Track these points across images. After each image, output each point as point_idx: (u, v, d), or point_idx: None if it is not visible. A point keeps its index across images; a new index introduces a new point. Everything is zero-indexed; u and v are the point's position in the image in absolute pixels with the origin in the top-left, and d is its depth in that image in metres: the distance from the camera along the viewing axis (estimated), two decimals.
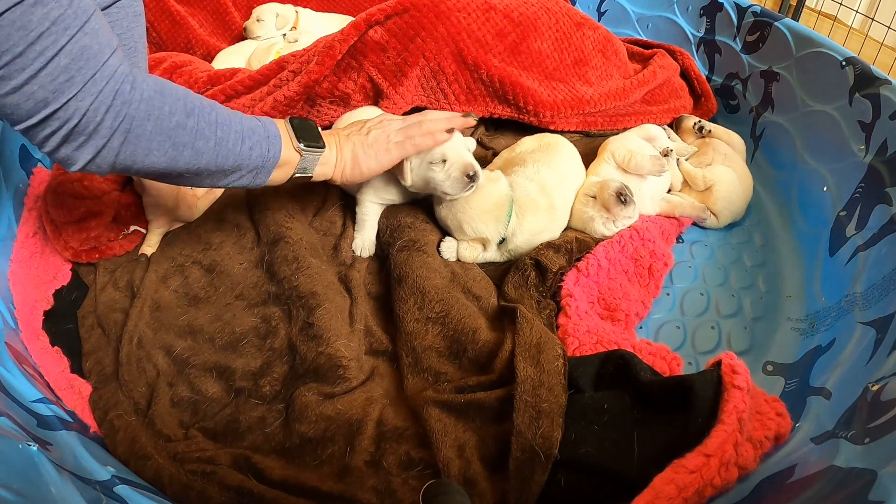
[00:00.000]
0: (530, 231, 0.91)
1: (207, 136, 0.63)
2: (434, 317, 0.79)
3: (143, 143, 0.59)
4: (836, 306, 0.86)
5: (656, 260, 0.94)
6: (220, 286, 0.89)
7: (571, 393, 0.69)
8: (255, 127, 0.70)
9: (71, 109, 0.54)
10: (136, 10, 0.83)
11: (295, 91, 0.98)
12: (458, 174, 0.84)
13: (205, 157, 0.64)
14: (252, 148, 0.68)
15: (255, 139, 0.69)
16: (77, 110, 0.54)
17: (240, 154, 0.67)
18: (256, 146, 0.69)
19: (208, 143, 0.64)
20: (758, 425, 0.63)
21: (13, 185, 0.97)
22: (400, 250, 0.87)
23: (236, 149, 0.66)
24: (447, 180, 0.85)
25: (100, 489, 0.57)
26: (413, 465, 0.68)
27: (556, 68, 1.13)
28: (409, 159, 0.85)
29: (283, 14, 1.45)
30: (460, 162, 0.85)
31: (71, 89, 0.53)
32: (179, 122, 0.60)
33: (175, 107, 0.60)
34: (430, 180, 0.86)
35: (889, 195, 0.87)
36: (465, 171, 0.84)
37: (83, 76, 0.54)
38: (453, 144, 0.86)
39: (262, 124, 0.71)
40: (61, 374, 0.79)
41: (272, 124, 0.72)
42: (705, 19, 1.36)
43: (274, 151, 0.71)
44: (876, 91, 0.95)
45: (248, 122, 0.70)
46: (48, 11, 0.51)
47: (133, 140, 0.58)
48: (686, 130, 1.21)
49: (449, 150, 0.85)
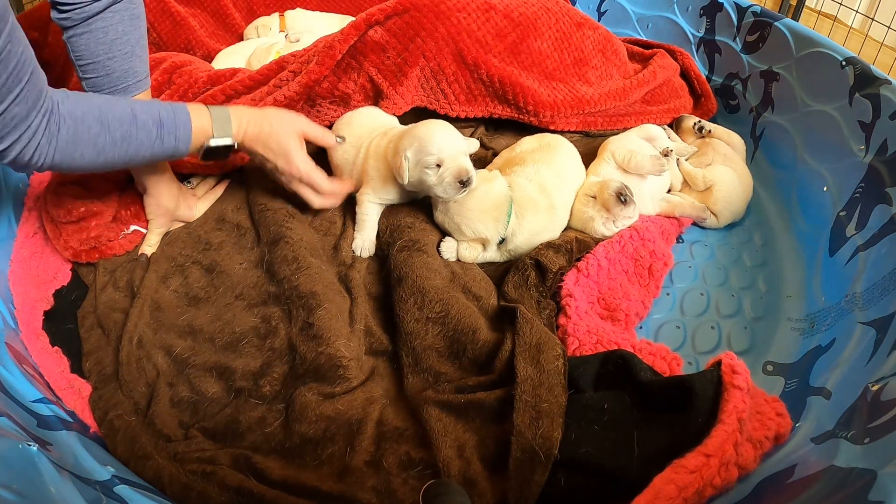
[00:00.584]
0: (530, 231, 0.91)
1: (121, 144, 0.73)
2: (434, 317, 0.79)
3: (69, 155, 0.70)
4: (836, 306, 0.86)
5: (656, 260, 0.94)
6: (220, 286, 0.89)
7: (571, 393, 0.69)
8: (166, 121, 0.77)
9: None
10: (134, 13, 0.82)
11: (295, 91, 0.98)
12: (450, 179, 0.84)
13: (120, 157, 0.74)
14: (164, 140, 0.77)
15: (165, 134, 0.77)
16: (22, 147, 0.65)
17: (153, 147, 0.77)
18: (168, 138, 0.77)
19: (125, 143, 0.74)
20: (758, 425, 0.63)
21: (13, 185, 0.97)
22: (400, 250, 0.87)
23: (152, 135, 0.76)
24: (440, 185, 0.85)
25: (100, 489, 0.57)
26: (413, 465, 0.68)
27: (556, 68, 1.13)
28: (406, 157, 0.85)
29: (264, 24, 1.47)
30: (454, 166, 0.84)
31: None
32: (96, 137, 0.71)
33: (91, 127, 0.70)
34: (423, 182, 0.86)
35: (889, 195, 0.87)
36: (458, 176, 0.84)
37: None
38: (450, 148, 0.85)
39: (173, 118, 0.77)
40: (61, 374, 0.79)
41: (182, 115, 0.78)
42: (705, 19, 1.36)
43: (183, 139, 0.79)
44: (876, 91, 0.95)
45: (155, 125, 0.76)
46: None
47: (61, 155, 0.69)
48: (686, 130, 1.21)
49: (445, 154, 0.84)
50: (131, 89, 0.84)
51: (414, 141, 0.86)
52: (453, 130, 0.88)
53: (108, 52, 0.80)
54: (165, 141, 0.76)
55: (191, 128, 0.78)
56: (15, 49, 0.60)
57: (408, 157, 0.86)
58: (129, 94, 0.84)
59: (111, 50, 0.80)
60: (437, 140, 0.85)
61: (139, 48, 0.84)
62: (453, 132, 0.88)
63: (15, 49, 0.60)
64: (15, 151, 0.64)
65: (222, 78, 1.09)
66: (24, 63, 0.62)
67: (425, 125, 0.89)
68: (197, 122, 0.79)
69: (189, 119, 0.78)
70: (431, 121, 0.90)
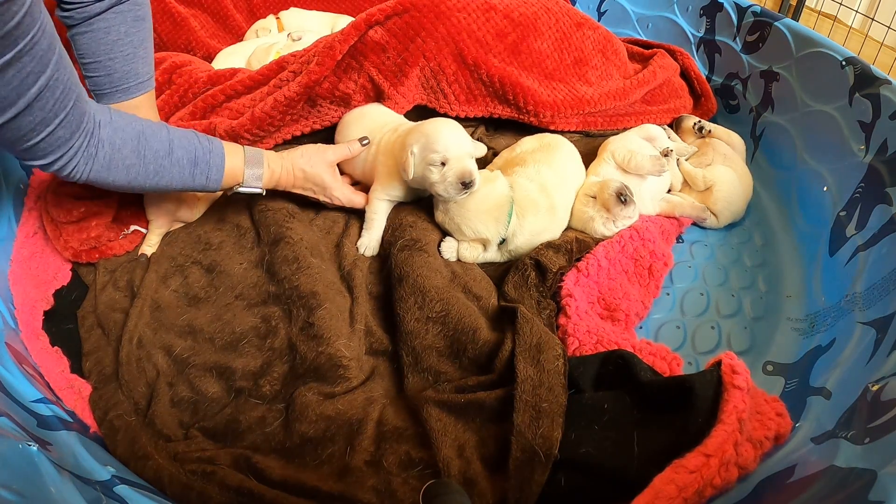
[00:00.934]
0: (531, 231, 0.91)
1: (153, 176, 0.77)
2: (434, 316, 0.79)
3: (103, 177, 0.74)
4: (836, 306, 0.86)
5: (656, 260, 0.94)
6: (220, 286, 0.89)
7: (571, 393, 0.69)
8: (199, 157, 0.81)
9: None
10: (138, 15, 0.82)
11: (295, 91, 0.98)
12: (453, 179, 0.84)
13: (151, 185, 0.78)
14: (195, 176, 0.81)
15: (198, 171, 0.81)
16: (64, 161, 0.69)
17: (184, 180, 0.81)
18: (199, 175, 0.81)
19: (157, 176, 0.78)
20: (758, 425, 0.63)
21: (13, 185, 0.97)
22: (401, 249, 0.87)
23: (185, 172, 0.80)
24: (442, 183, 0.85)
25: (100, 489, 0.57)
26: (413, 465, 0.68)
27: (556, 68, 1.13)
28: (413, 152, 0.85)
29: (263, 27, 1.48)
30: (458, 167, 0.84)
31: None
32: (130, 167, 0.75)
33: (127, 157, 0.74)
34: (426, 179, 0.86)
35: (889, 195, 0.87)
36: (460, 177, 0.83)
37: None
38: (456, 148, 0.85)
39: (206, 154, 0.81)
40: (61, 374, 0.79)
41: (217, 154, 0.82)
42: (705, 19, 1.36)
43: (215, 177, 0.83)
44: (876, 91, 0.95)
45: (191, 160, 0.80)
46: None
47: (95, 176, 0.74)
48: (686, 130, 1.21)
49: (450, 153, 0.84)
50: (132, 90, 0.84)
51: (421, 137, 0.86)
52: (461, 131, 0.88)
53: (110, 52, 0.80)
54: (196, 179, 0.81)
55: (223, 173, 0.82)
56: (62, 76, 0.63)
57: (414, 152, 0.86)
58: (130, 94, 0.84)
59: (112, 50, 0.80)
60: (444, 138, 0.85)
61: (142, 50, 0.84)
62: (461, 132, 0.88)
63: (62, 76, 0.63)
64: (56, 166, 0.69)
65: (222, 78, 1.09)
66: (70, 89, 0.65)
67: (434, 122, 0.89)
68: (230, 166, 0.83)
69: (223, 163, 0.82)
70: (441, 119, 0.91)
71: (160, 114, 1.07)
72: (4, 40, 0.55)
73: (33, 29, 0.58)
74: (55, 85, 0.63)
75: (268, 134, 1.01)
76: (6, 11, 0.54)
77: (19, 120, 0.61)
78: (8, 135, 0.63)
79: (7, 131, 0.62)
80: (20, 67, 0.58)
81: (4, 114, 0.60)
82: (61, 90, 0.64)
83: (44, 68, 0.60)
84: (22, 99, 0.60)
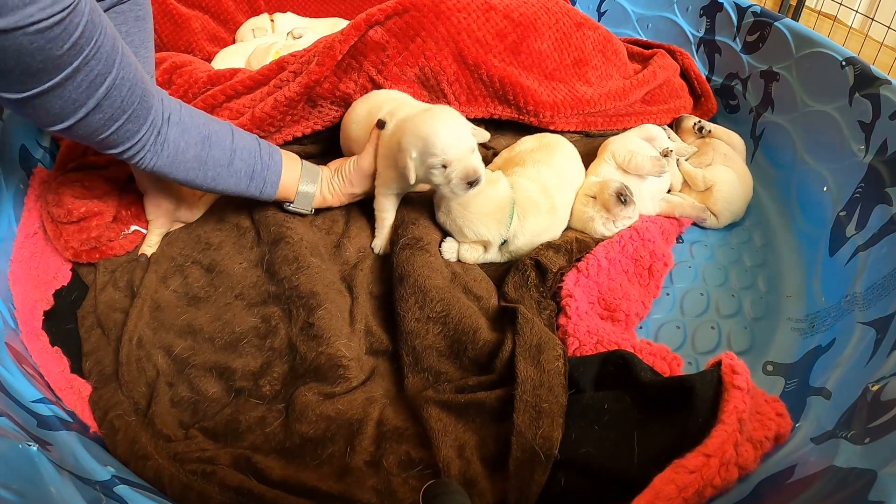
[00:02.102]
0: (532, 232, 0.91)
1: (210, 182, 0.82)
2: (435, 316, 0.79)
3: (164, 173, 0.79)
4: (836, 306, 0.86)
5: (656, 260, 0.94)
6: (219, 286, 0.89)
7: (572, 393, 0.69)
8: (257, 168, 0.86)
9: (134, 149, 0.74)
10: (139, 15, 0.83)
11: (295, 91, 0.98)
12: (457, 180, 0.81)
13: (206, 187, 0.83)
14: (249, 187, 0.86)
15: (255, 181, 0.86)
16: (133, 150, 0.74)
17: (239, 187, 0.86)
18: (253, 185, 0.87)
19: (213, 182, 0.83)
20: (758, 425, 0.63)
21: (13, 185, 0.97)
22: (402, 248, 0.87)
23: (241, 184, 0.85)
24: (447, 185, 0.83)
25: (100, 489, 0.57)
26: (413, 464, 0.68)
27: (556, 68, 1.13)
28: (411, 156, 0.82)
29: (260, 26, 1.48)
30: (461, 167, 0.81)
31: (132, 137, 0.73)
32: (189, 170, 0.80)
33: (188, 161, 0.79)
34: (429, 181, 0.85)
35: (889, 195, 0.87)
36: (465, 177, 0.81)
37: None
38: (456, 149, 0.81)
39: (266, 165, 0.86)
40: (61, 374, 0.79)
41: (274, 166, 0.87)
42: (705, 19, 1.36)
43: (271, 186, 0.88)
44: (876, 91, 0.95)
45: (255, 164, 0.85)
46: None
47: (158, 170, 0.78)
48: (686, 130, 1.21)
49: (450, 155, 0.81)
50: None
51: (418, 141, 0.82)
52: (459, 124, 0.84)
53: None
54: (250, 190, 0.86)
55: (277, 189, 0.88)
56: (127, 74, 0.67)
57: (413, 157, 0.83)
58: None
59: None
60: (442, 141, 0.81)
61: (143, 49, 0.85)
62: (459, 127, 0.83)
63: (127, 74, 0.67)
64: (126, 155, 0.73)
65: (222, 78, 1.09)
66: (136, 85, 0.68)
67: (428, 121, 0.84)
68: (286, 182, 0.89)
69: (279, 180, 0.88)
70: (436, 114, 0.85)
71: None
72: (72, 50, 0.58)
73: (96, 34, 0.61)
74: (121, 83, 0.66)
75: (268, 134, 1.01)
76: (69, 23, 0.57)
77: (90, 118, 0.65)
78: (80, 131, 0.66)
79: (80, 128, 0.66)
80: (88, 71, 0.61)
81: (76, 114, 0.64)
82: (128, 88, 0.67)
83: (109, 69, 0.64)
84: (91, 99, 0.64)
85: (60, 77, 0.59)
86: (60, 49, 0.57)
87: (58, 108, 0.62)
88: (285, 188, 0.89)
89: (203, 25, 1.47)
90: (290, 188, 0.90)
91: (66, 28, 0.57)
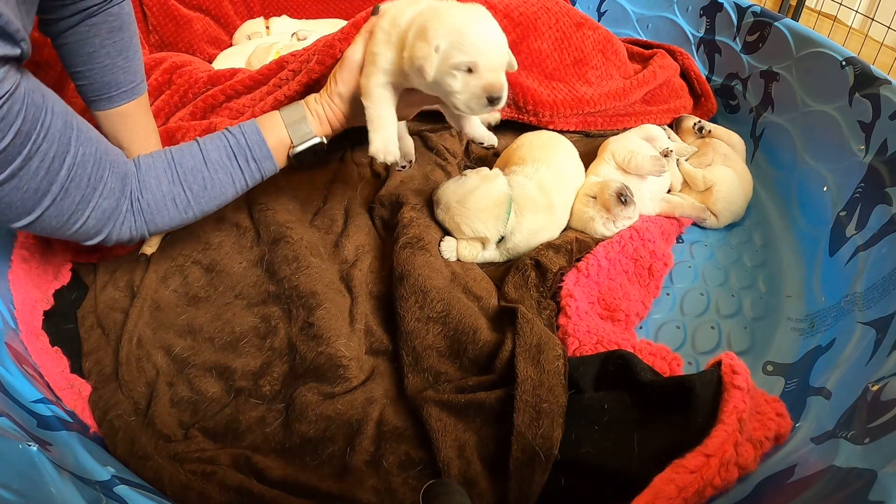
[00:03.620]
0: (529, 230, 0.91)
1: (203, 194, 0.74)
2: (435, 316, 0.79)
3: (155, 222, 0.73)
4: (836, 306, 0.86)
5: (656, 260, 0.94)
6: (219, 286, 0.89)
7: (572, 393, 0.69)
8: (231, 153, 0.76)
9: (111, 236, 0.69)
10: (113, 26, 0.79)
11: (295, 90, 0.98)
12: (479, 91, 0.68)
13: (209, 202, 0.76)
14: (241, 178, 0.77)
15: (235, 169, 0.76)
16: (116, 232, 0.69)
17: (236, 186, 0.77)
18: (246, 171, 0.77)
19: (207, 191, 0.75)
20: (758, 425, 0.63)
21: None
22: (403, 247, 0.87)
23: (230, 183, 0.76)
24: (463, 94, 0.69)
25: (100, 489, 0.57)
26: (413, 465, 0.68)
27: (555, 68, 1.13)
28: (437, 48, 0.68)
29: (255, 31, 1.49)
30: (489, 78, 0.68)
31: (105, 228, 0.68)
32: (176, 197, 0.73)
33: (166, 192, 0.72)
34: (444, 85, 0.70)
35: (889, 195, 0.87)
36: (490, 90, 0.68)
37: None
38: (492, 56, 0.68)
39: (237, 142, 0.76)
40: (61, 374, 0.79)
41: (250, 134, 0.76)
42: (705, 19, 1.36)
43: (261, 159, 0.77)
44: (876, 91, 0.95)
45: (223, 155, 0.75)
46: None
47: (151, 226, 0.73)
48: (686, 131, 1.21)
49: (483, 61, 0.68)
50: (115, 99, 0.83)
51: (451, 33, 0.68)
52: (498, 29, 0.71)
53: (86, 63, 0.79)
54: (246, 168, 0.76)
55: (267, 146, 0.77)
56: (88, 150, 0.62)
57: (439, 48, 0.68)
58: (112, 103, 0.84)
59: (89, 61, 0.79)
60: (480, 39, 0.68)
61: (121, 59, 0.82)
62: (498, 33, 0.71)
63: (88, 150, 0.62)
64: (113, 238, 0.69)
65: (222, 78, 1.09)
66: (102, 159, 0.64)
67: (467, 13, 0.70)
68: (270, 133, 0.77)
69: (261, 137, 0.76)
70: (478, 10, 0.72)
71: (160, 114, 1.07)
72: (16, 139, 0.55)
73: (41, 115, 0.57)
74: (84, 161, 0.62)
75: None
76: (8, 112, 0.53)
77: (59, 205, 0.61)
78: (53, 223, 0.62)
79: (51, 219, 0.61)
80: (41, 157, 0.57)
81: (42, 203, 0.59)
82: (92, 163, 0.63)
83: (66, 148, 0.60)
84: (55, 185, 0.59)
85: (11, 169, 0.55)
86: (4, 141, 0.53)
87: (18, 202, 0.58)
88: (278, 138, 0.77)
89: (205, 28, 1.48)
90: (282, 134, 0.78)
91: (4, 117, 0.53)
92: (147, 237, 0.73)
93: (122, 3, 0.79)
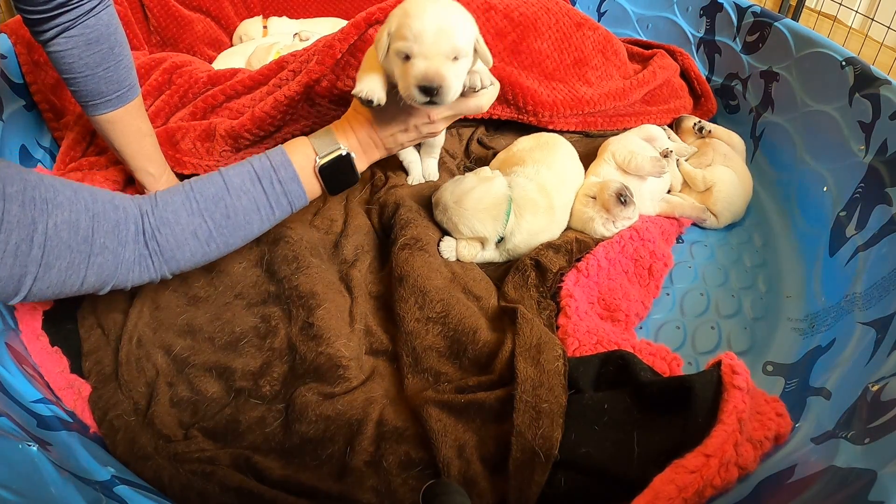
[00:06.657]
0: (528, 231, 0.91)
1: (227, 223, 0.71)
2: (434, 316, 0.79)
3: (177, 260, 0.70)
4: (836, 306, 0.86)
5: (656, 260, 0.94)
6: (219, 285, 0.89)
7: (571, 393, 0.69)
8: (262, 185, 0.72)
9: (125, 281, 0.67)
10: (90, 38, 0.79)
11: (295, 91, 0.98)
12: (413, 80, 0.64)
13: (235, 235, 0.73)
14: (269, 208, 0.73)
15: (263, 201, 0.72)
16: (127, 280, 0.67)
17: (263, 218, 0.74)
18: (275, 204, 0.73)
19: (230, 220, 0.71)
20: (758, 425, 0.63)
21: None
22: (402, 248, 0.87)
23: (254, 210, 0.72)
24: (402, 80, 0.66)
25: (100, 489, 0.57)
26: (413, 465, 0.68)
27: (555, 68, 1.13)
28: (388, 33, 0.67)
29: (249, 33, 1.49)
30: (424, 66, 0.63)
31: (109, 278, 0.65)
32: (197, 225, 0.69)
33: (186, 225, 0.68)
34: (392, 73, 0.68)
35: (889, 195, 0.87)
36: (422, 79, 0.63)
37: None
38: (431, 41, 0.64)
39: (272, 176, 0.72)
40: (61, 374, 0.79)
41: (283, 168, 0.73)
42: (705, 19, 1.36)
43: (294, 191, 0.74)
44: (876, 91, 0.95)
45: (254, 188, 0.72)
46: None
47: (174, 264, 0.70)
48: (686, 131, 1.21)
49: (420, 47, 0.63)
50: (100, 107, 0.84)
51: (399, 15, 0.66)
52: (455, 18, 0.66)
53: (69, 72, 0.81)
54: (269, 193, 0.71)
55: (290, 160, 0.72)
56: (59, 219, 0.58)
57: (390, 32, 0.66)
58: (98, 111, 0.84)
59: (71, 71, 0.80)
60: (420, 25, 0.64)
61: (101, 70, 0.81)
62: (447, 19, 0.65)
63: (59, 219, 0.58)
64: (127, 285, 0.67)
65: (222, 78, 1.09)
66: (79, 220, 0.60)
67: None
68: (295, 151, 0.73)
69: (283, 152, 0.73)
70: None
71: (160, 114, 1.07)
72: None
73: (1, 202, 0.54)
74: (57, 231, 0.58)
75: (268, 134, 1.01)
76: None
77: (45, 279, 0.58)
78: (48, 293, 0.59)
79: (45, 291, 0.59)
80: (3, 247, 0.54)
81: (24, 284, 0.56)
82: (67, 230, 0.59)
83: (31, 231, 0.56)
84: (30, 265, 0.56)
85: None
86: None
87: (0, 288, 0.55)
88: (303, 156, 0.73)
89: (205, 29, 1.48)
90: (308, 152, 0.74)
91: None
92: (169, 277, 0.69)
93: (99, 14, 0.79)
